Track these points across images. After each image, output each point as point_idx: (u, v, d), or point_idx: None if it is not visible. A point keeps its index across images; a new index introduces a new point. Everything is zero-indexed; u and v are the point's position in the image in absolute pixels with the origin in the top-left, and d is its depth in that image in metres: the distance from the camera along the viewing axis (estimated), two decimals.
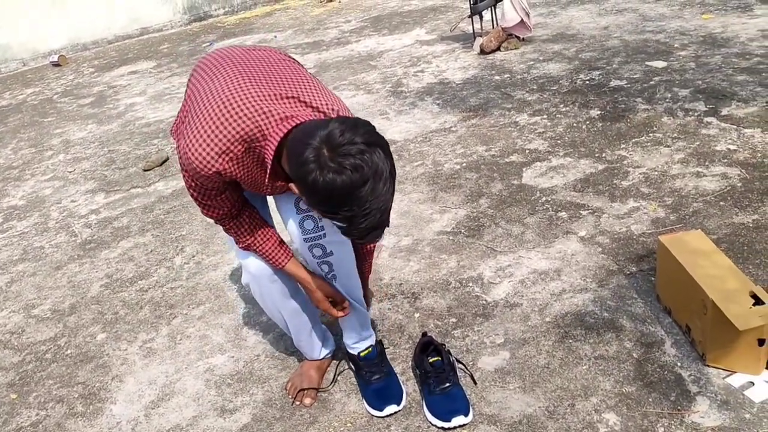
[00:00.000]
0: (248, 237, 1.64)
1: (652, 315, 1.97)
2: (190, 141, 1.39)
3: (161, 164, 3.94)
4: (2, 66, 8.26)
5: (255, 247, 1.66)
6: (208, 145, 1.38)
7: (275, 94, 1.40)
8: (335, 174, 1.22)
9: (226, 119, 1.37)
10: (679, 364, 1.78)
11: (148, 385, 2.11)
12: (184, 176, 1.48)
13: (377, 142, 1.26)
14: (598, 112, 3.41)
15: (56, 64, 7.84)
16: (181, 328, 2.36)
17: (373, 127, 1.31)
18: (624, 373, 1.79)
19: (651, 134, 3.07)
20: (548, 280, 2.22)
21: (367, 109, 4.14)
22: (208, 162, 1.40)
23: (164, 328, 2.38)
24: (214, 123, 1.38)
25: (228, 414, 1.93)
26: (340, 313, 1.77)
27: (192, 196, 1.53)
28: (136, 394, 2.09)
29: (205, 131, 1.38)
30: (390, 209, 1.32)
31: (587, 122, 3.33)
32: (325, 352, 1.98)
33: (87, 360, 2.30)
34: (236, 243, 1.67)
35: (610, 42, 4.49)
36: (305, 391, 1.90)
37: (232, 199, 1.56)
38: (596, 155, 2.98)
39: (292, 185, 1.36)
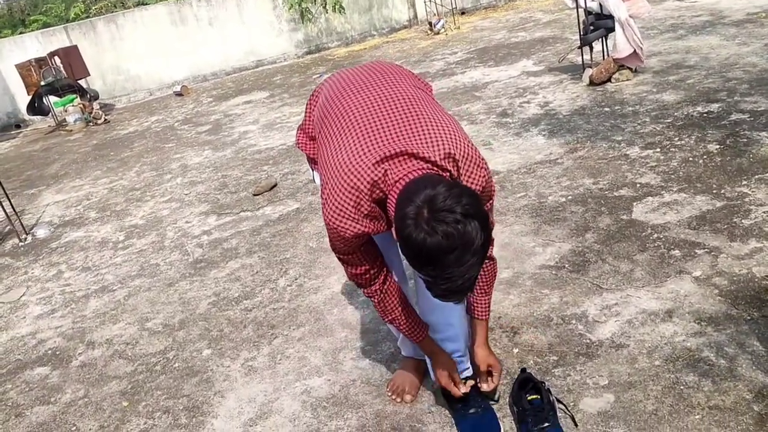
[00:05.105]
0: (393, 311, 1.76)
1: None
2: (328, 211, 1.54)
3: (270, 189, 4.10)
4: (132, 95, 8.95)
5: (397, 322, 1.78)
6: (343, 213, 1.52)
7: (393, 153, 1.48)
8: (427, 235, 1.30)
9: (352, 190, 1.50)
10: None
11: (248, 402, 2.17)
12: (329, 237, 1.62)
13: (475, 215, 1.32)
14: (717, 146, 3.22)
15: (179, 94, 8.39)
16: (281, 348, 2.42)
17: (478, 199, 1.37)
18: (743, 427, 1.65)
19: None
20: (658, 322, 2.10)
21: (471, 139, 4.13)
22: (349, 225, 1.54)
23: (265, 348, 2.45)
24: (343, 194, 1.51)
25: None
26: (460, 392, 1.83)
27: (338, 256, 1.66)
28: (236, 410, 2.15)
29: (339, 200, 1.52)
30: (475, 278, 1.38)
31: (704, 156, 3.15)
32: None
33: (192, 374, 2.40)
34: (381, 315, 1.79)
35: (732, 73, 4.25)
36: (406, 388, 1.98)
37: (370, 254, 1.67)
38: (714, 191, 2.81)
39: (393, 230, 1.44)
